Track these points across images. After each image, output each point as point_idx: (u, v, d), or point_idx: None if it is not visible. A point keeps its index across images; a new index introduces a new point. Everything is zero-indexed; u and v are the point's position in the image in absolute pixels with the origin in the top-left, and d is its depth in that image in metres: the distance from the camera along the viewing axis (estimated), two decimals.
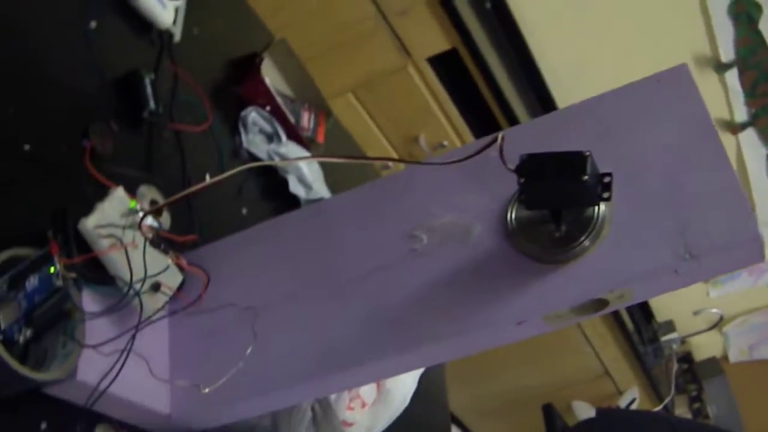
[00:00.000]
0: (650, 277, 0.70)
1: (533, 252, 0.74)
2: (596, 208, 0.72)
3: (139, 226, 0.75)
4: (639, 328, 3.44)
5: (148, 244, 0.76)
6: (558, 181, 0.67)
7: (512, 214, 0.76)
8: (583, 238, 0.72)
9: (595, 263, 0.71)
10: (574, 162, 0.66)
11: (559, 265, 0.72)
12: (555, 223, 0.72)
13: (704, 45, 2.62)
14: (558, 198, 0.69)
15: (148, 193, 0.93)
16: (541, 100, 2.51)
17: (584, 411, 3.39)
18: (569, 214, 0.72)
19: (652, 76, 0.78)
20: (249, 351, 0.77)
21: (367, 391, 1.14)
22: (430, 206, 0.80)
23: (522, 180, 0.68)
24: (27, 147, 0.78)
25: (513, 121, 2.33)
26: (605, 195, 0.68)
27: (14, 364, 0.63)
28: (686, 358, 3.90)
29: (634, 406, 3.35)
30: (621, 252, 0.71)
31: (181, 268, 0.82)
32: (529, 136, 0.78)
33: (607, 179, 0.68)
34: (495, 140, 0.67)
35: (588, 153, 0.66)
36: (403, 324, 0.76)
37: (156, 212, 0.82)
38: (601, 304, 0.72)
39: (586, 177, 0.65)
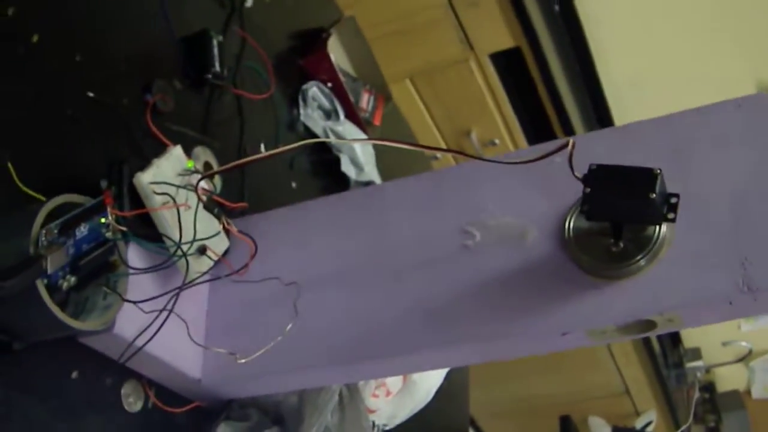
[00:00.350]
0: (703, 305, 0.68)
1: (587, 264, 0.72)
2: (658, 227, 0.70)
3: (196, 187, 0.75)
4: (665, 352, 3.40)
5: (201, 206, 0.76)
6: (625, 195, 0.65)
7: (570, 223, 0.74)
8: (639, 257, 0.70)
9: (649, 283, 0.70)
10: (643, 178, 0.64)
11: (612, 280, 0.71)
12: (614, 237, 0.70)
13: None
14: (622, 212, 0.68)
15: (203, 155, 0.93)
16: (598, 111, 2.48)
17: (599, 427, 3.36)
18: (629, 230, 0.70)
19: (732, 100, 0.75)
20: (289, 327, 0.76)
21: (394, 380, 1.13)
22: (488, 204, 0.79)
23: (588, 190, 0.66)
24: (91, 95, 0.78)
25: (567, 127, 2.31)
26: (670, 216, 0.66)
27: (55, 309, 0.62)
28: (709, 387, 3.84)
29: (650, 429, 3.31)
30: (676, 275, 0.69)
31: (228, 235, 0.81)
32: (598, 146, 0.76)
33: (674, 200, 0.66)
34: (565, 146, 0.65)
35: (659, 171, 0.64)
36: (446, 319, 0.74)
37: (210, 176, 0.82)
38: (649, 325, 0.71)
39: (654, 195, 0.64)
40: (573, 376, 3.28)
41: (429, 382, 1.20)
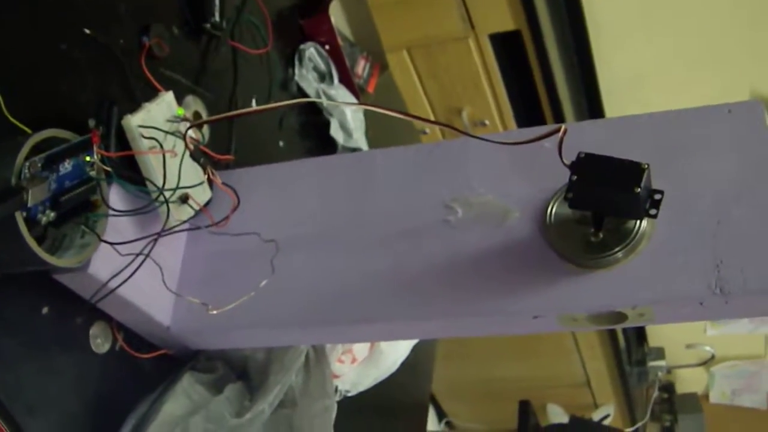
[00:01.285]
0: (675, 303, 0.69)
1: (565, 251, 0.72)
2: (638, 222, 0.71)
3: (184, 135, 0.74)
4: (630, 348, 3.44)
5: (187, 155, 0.75)
6: (610, 186, 0.66)
7: (553, 209, 0.74)
8: (617, 249, 0.70)
9: (624, 276, 0.70)
10: (631, 172, 0.65)
11: (588, 269, 0.71)
12: (594, 227, 0.71)
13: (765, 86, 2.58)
14: (605, 204, 0.68)
15: (194, 104, 0.93)
16: (591, 102, 2.49)
17: (558, 415, 3.40)
18: (610, 222, 0.71)
19: (723, 105, 0.76)
20: (264, 283, 0.76)
21: (361, 347, 1.14)
22: (473, 181, 0.79)
23: (574, 177, 0.66)
24: (87, 31, 0.77)
25: (559, 116, 2.31)
26: (652, 212, 0.67)
27: (32, 243, 0.62)
28: (668, 387, 3.89)
29: (606, 422, 3.35)
30: (652, 271, 0.70)
31: (211, 186, 0.81)
32: (589, 135, 0.77)
33: (657, 196, 0.67)
34: (557, 131, 0.65)
35: (647, 166, 0.65)
36: (420, 292, 0.75)
37: (200, 125, 0.81)
38: (620, 317, 0.71)
39: (639, 189, 0.64)
40: (536, 363, 3.31)
41: (396, 353, 1.21)
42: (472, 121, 2.37)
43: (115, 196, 0.72)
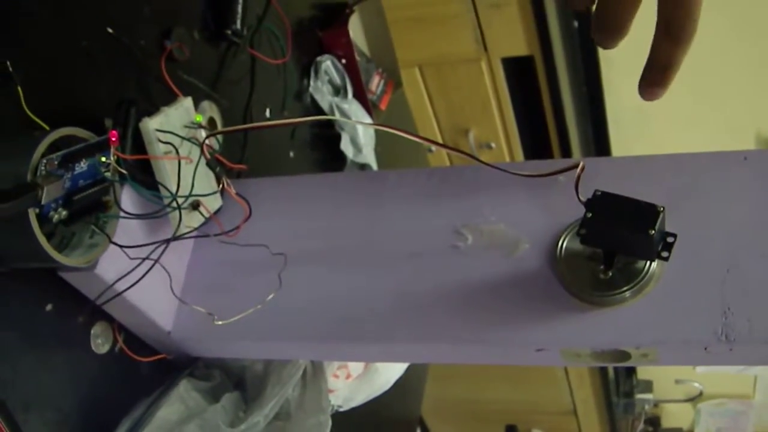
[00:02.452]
0: (679, 346, 0.69)
1: (573, 286, 0.72)
2: (649, 263, 0.71)
3: (202, 144, 0.74)
4: (618, 380, 3.44)
5: (201, 162, 0.75)
6: (624, 226, 0.66)
7: (564, 243, 0.74)
8: (625, 288, 0.70)
9: (631, 316, 0.70)
10: (646, 213, 0.65)
11: (595, 306, 0.71)
12: (605, 265, 0.71)
13: None
14: (618, 243, 0.68)
15: (209, 110, 0.93)
16: (597, 130, 2.49)
17: None
18: (620, 260, 0.71)
19: (740, 152, 0.76)
20: (271, 297, 0.76)
21: (356, 364, 1.13)
22: (485, 209, 0.79)
23: (589, 214, 0.66)
24: (110, 30, 0.77)
25: (565, 144, 2.32)
26: (664, 254, 0.67)
27: (42, 240, 0.62)
28: (654, 421, 3.89)
29: None
30: (659, 312, 0.70)
31: (222, 194, 0.81)
32: (603, 171, 0.77)
33: (670, 239, 0.67)
34: (575, 167, 0.66)
35: (662, 209, 0.65)
36: (425, 316, 0.75)
37: (219, 134, 0.81)
38: (624, 356, 0.71)
39: (653, 232, 0.64)
40: (524, 388, 3.31)
41: (390, 371, 1.20)
42: (479, 142, 2.37)
43: (127, 199, 0.72)
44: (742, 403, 3.71)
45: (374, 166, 1.28)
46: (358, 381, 1.15)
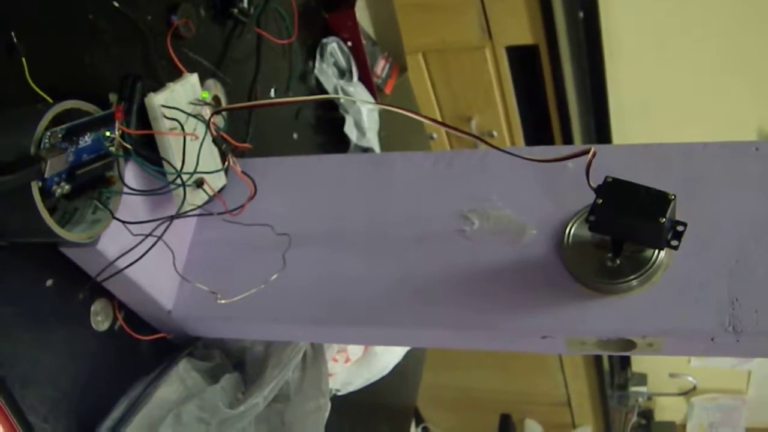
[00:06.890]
0: (686, 336, 0.68)
1: (580, 273, 0.72)
2: (657, 252, 0.70)
3: (208, 120, 0.73)
4: (613, 372, 3.44)
5: (207, 139, 0.74)
6: (634, 214, 0.65)
7: (571, 230, 0.74)
8: (633, 276, 0.70)
9: (637, 305, 0.70)
10: (657, 201, 0.64)
11: (602, 294, 0.71)
12: (613, 252, 0.70)
13: None
14: (627, 230, 0.67)
15: (214, 88, 0.91)
16: (598, 121, 2.49)
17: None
18: (629, 248, 0.70)
19: (751, 142, 0.75)
20: (274, 277, 0.75)
21: (355, 348, 1.13)
22: (492, 194, 0.78)
23: (599, 201, 0.66)
24: (116, 4, 0.76)
25: (567, 134, 2.31)
26: (674, 243, 0.66)
27: (45, 214, 0.61)
28: (647, 414, 3.89)
29: None
30: (666, 302, 0.69)
31: (227, 173, 0.80)
32: (613, 159, 0.76)
33: (680, 228, 0.66)
34: (585, 153, 0.65)
35: (673, 197, 0.64)
36: (429, 300, 0.74)
37: (224, 111, 0.80)
38: (629, 345, 0.71)
39: (663, 220, 0.63)
40: (520, 378, 3.31)
41: (389, 356, 1.20)
42: (481, 131, 2.36)
43: (131, 175, 0.71)
44: (735, 398, 3.71)
45: (377, 150, 1.27)
46: (356, 365, 1.15)
